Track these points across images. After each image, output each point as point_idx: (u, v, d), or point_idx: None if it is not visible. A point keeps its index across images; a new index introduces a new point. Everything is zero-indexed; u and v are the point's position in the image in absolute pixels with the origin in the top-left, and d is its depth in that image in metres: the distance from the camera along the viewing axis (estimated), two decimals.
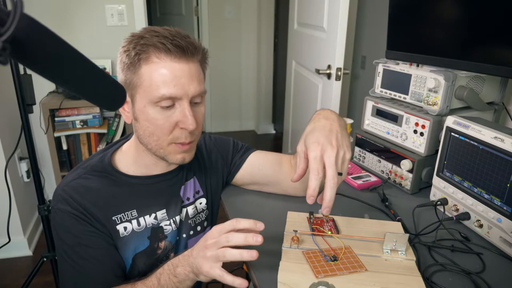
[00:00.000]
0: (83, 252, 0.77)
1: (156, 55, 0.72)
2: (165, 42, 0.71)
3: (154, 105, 0.73)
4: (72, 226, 0.77)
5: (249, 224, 0.66)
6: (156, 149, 0.79)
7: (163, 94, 0.72)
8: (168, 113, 0.74)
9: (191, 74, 0.74)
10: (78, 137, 2.12)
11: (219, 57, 3.83)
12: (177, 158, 0.80)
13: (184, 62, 0.73)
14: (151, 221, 0.84)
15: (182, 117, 0.74)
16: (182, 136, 0.77)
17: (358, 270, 0.68)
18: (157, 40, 0.71)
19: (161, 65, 0.72)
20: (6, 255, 2.02)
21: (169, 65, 0.72)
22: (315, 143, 0.68)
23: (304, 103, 2.24)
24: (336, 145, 0.68)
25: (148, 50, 0.72)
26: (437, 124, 0.98)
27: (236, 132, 4.11)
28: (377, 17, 2.19)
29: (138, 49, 0.72)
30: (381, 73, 1.15)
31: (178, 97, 0.73)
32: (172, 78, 0.72)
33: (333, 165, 0.66)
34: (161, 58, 0.72)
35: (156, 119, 0.74)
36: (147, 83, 0.73)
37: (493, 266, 0.75)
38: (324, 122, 0.73)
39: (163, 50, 0.71)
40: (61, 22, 2.18)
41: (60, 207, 0.77)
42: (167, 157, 0.80)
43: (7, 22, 0.31)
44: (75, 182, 0.79)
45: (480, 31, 0.93)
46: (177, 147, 0.78)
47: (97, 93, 0.47)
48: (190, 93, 0.74)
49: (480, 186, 0.83)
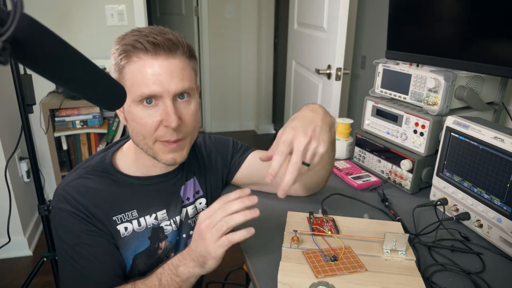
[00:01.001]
0: (84, 251, 0.77)
1: (135, 54, 0.72)
2: (142, 41, 0.71)
3: (137, 104, 0.74)
4: (73, 225, 0.77)
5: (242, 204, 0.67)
6: (146, 149, 0.78)
7: (142, 92, 0.72)
8: (151, 111, 0.74)
9: (171, 71, 0.72)
10: (78, 137, 2.12)
11: (219, 57, 3.83)
12: (167, 158, 0.79)
13: (163, 59, 0.72)
14: (152, 221, 0.84)
15: (164, 115, 0.73)
16: (166, 134, 0.75)
17: (358, 270, 0.68)
18: (134, 39, 0.71)
19: (139, 64, 0.72)
20: (6, 255, 2.02)
21: (148, 62, 0.71)
22: (290, 128, 0.69)
23: (304, 103, 2.22)
24: (310, 135, 0.68)
25: (128, 49, 0.72)
26: (437, 124, 0.98)
27: (236, 132, 4.11)
28: (377, 17, 2.19)
29: (121, 50, 0.73)
30: (381, 73, 1.15)
31: (158, 94, 0.72)
32: (151, 75, 0.71)
33: (299, 151, 0.67)
34: (140, 57, 0.72)
35: (140, 118, 0.74)
36: (129, 82, 0.73)
37: (493, 266, 0.75)
38: (308, 113, 0.74)
39: (141, 49, 0.71)
40: (61, 22, 2.18)
41: (60, 206, 0.77)
42: (156, 156, 0.79)
43: (7, 22, 0.31)
44: (75, 182, 0.79)
45: (480, 31, 0.93)
46: (163, 146, 0.77)
47: (97, 93, 0.47)
48: (171, 90, 0.72)
49: (480, 186, 0.83)
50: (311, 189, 0.97)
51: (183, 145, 0.80)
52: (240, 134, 4.08)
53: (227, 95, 4.01)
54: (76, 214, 0.76)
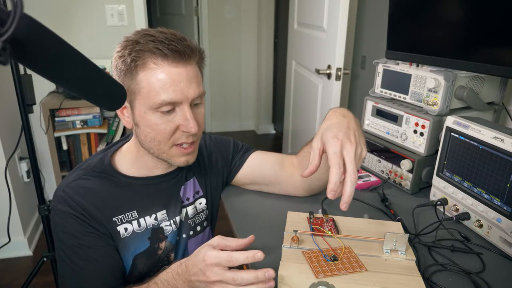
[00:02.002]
0: (82, 252, 0.77)
1: (153, 61, 0.71)
2: (161, 47, 0.70)
3: (154, 111, 0.73)
4: (72, 226, 0.77)
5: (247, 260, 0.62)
6: (158, 154, 0.79)
7: (163, 100, 0.71)
8: (168, 117, 0.74)
9: (189, 77, 0.73)
10: (78, 137, 2.12)
11: (219, 57, 3.83)
12: (181, 161, 0.80)
13: (182, 66, 0.72)
14: (152, 221, 0.84)
15: (183, 121, 0.74)
16: (183, 137, 0.77)
17: (358, 270, 0.68)
18: (153, 46, 0.70)
19: (159, 71, 0.71)
20: (6, 255, 2.02)
21: (167, 70, 0.71)
22: (334, 138, 0.68)
23: (304, 103, 2.24)
24: (355, 142, 0.68)
25: (144, 56, 0.71)
26: (437, 124, 0.98)
27: (236, 132, 4.11)
28: (377, 17, 2.19)
29: (134, 55, 0.71)
30: (381, 73, 1.15)
31: (178, 101, 0.73)
32: (171, 83, 0.71)
33: (353, 160, 0.66)
34: (158, 64, 0.71)
35: (157, 125, 0.74)
36: (145, 89, 0.72)
37: (493, 266, 0.75)
38: (341, 119, 0.73)
39: (160, 56, 0.70)
40: (61, 22, 2.18)
41: (60, 208, 0.77)
42: (170, 160, 0.80)
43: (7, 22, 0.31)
44: (75, 183, 0.79)
45: (480, 31, 0.93)
46: (179, 150, 0.79)
47: (97, 93, 0.47)
48: (190, 96, 0.74)
49: (480, 186, 0.83)
50: (315, 190, 0.97)
51: (196, 148, 0.82)
52: (240, 134, 4.08)
53: (227, 95, 4.01)
54: (75, 216, 0.76)
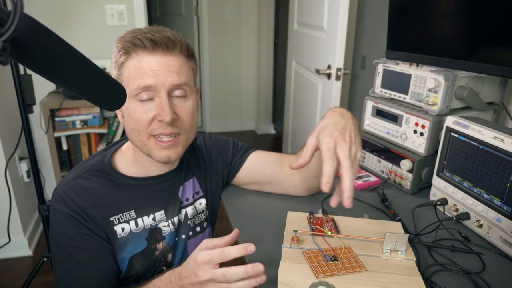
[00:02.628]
0: (77, 254, 0.77)
1: (134, 51, 0.74)
2: (140, 37, 0.73)
3: (133, 98, 0.75)
4: (68, 227, 0.77)
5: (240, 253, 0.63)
6: (140, 146, 0.79)
7: (138, 84, 0.73)
8: (146, 106, 0.75)
9: (169, 66, 0.74)
10: (78, 137, 2.12)
11: (219, 57, 3.83)
12: (161, 156, 0.78)
13: (160, 56, 0.74)
14: (149, 222, 0.84)
15: (159, 109, 0.74)
16: (160, 127, 0.76)
17: (358, 270, 0.68)
18: (133, 36, 0.74)
19: (137, 60, 0.74)
20: (6, 255, 2.02)
21: (146, 59, 0.73)
22: (329, 137, 0.69)
23: (304, 103, 2.24)
24: (349, 141, 0.69)
25: (127, 46, 0.74)
26: (437, 124, 0.98)
27: (236, 132, 4.11)
28: (377, 17, 2.19)
29: (120, 47, 0.75)
30: (381, 73, 1.15)
31: (153, 86, 0.73)
32: (148, 70, 0.73)
33: (347, 157, 0.67)
34: (139, 54, 0.74)
35: (135, 112, 0.75)
36: (126, 77, 0.75)
37: (493, 266, 0.75)
38: (339, 119, 0.73)
39: (140, 46, 0.73)
40: (61, 22, 2.18)
41: (57, 208, 0.77)
42: (150, 153, 0.79)
43: (7, 22, 0.31)
44: (74, 181, 0.80)
45: (480, 31, 0.93)
46: (157, 143, 0.77)
47: (97, 93, 0.47)
48: (166, 83, 0.74)
49: (480, 186, 0.83)
50: (314, 188, 0.97)
51: (178, 143, 0.79)
52: (240, 134, 4.08)
53: (227, 95, 4.01)
54: (71, 216, 0.76)
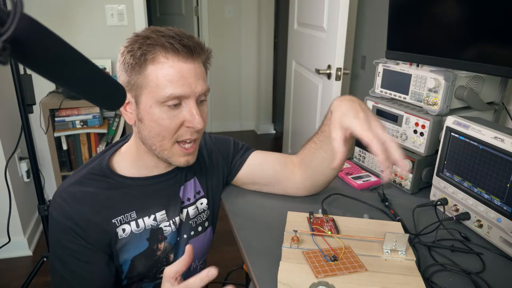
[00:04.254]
0: (72, 263, 0.77)
1: (163, 55, 0.72)
2: (173, 42, 0.71)
3: (160, 105, 0.73)
4: (63, 237, 0.77)
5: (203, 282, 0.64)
6: (159, 151, 0.79)
7: (170, 93, 0.72)
8: (174, 112, 0.74)
9: (197, 73, 0.75)
10: (78, 137, 2.12)
11: (219, 57, 3.82)
12: (181, 161, 0.80)
13: (191, 62, 0.74)
14: (150, 222, 0.84)
15: (189, 116, 0.75)
16: (187, 133, 0.77)
17: (358, 270, 0.68)
18: (165, 40, 0.71)
19: (168, 65, 0.72)
20: (6, 255, 2.02)
21: (177, 65, 0.72)
22: (356, 119, 0.71)
23: (304, 103, 2.24)
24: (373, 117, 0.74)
25: (155, 50, 0.71)
26: (437, 124, 0.98)
27: (236, 132, 4.11)
28: (377, 17, 2.20)
29: (144, 49, 0.71)
30: (381, 73, 1.15)
31: (186, 96, 0.73)
32: (179, 77, 0.72)
33: (384, 130, 0.70)
34: (169, 58, 0.72)
35: (162, 119, 0.74)
36: (153, 83, 0.72)
37: (493, 266, 0.75)
38: (351, 103, 0.76)
39: (171, 50, 0.71)
40: (61, 22, 2.18)
41: (55, 217, 0.77)
42: (170, 159, 0.80)
43: (7, 22, 0.31)
44: (72, 187, 0.79)
45: (480, 31, 0.93)
46: (180, 149, 0.79)
47: (97, 93, 0.47)
48: (197, 92, 0.74)
49: (480, 186, 0.83)
50: (318, 187, 0.97)
51: (197, 147, 0.82)
52: (240, 134, 4.08)
53: (227, 95, 4.01)
54: (68, 227, 0.76)
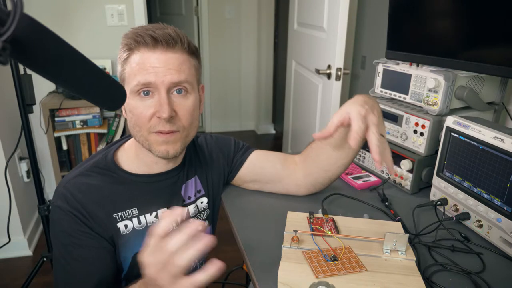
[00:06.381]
0: (75, 252, 0.77)
1: (137, 48, 0.75)
2: (142, 34, 0.74)
3: (134, 94, 0.76)
4: (68, 224, 0.77)
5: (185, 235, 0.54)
6: (142, 141, 0.79)
7: (138, 81, 0.74)
8: (146, 102, 0.76)
9: (169, 63, 0.75)
10: (78, 137, 2.12)
11: (219, 57, 3.83)
12: (160, 150, 0.78)
13: (161, 52, 0.74)
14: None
15: (158, 106, 0.75)
16: (159, 124, 0.76)
17: (358, 270, 0.68)
18: (135, 33, 0.75)
19: (139, 56, 0.75)
20: (6, 255, 2.02)
21: (146, 55, 0.74)
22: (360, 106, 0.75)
23: (304, 103, 2.24)
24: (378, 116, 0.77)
25: (130, 43, 0.75)
26: (437, 124, 0.98)
27: (236, 132, 4.11)
28: (377, 17, 2.19)
29: (123, 45, 0.76)
30: (381, 73, 1.15)
31: (153, 83, 0.74)
32: (148, 66, 0.74)
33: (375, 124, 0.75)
34: (140, 50, 0.75)
35: (136, 108, 0.76)
36: (128, 73, 0.76)
37: (493, 266, 0.75)
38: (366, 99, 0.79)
39: (140, 42, 0.74)
40: (61, 22, 2.18)
41: (59, 205, 0.78)
42: (151, 148, 0.79)
43: (7, 22, 0.31)
44: (77, 179, 0.80)
45: (480, 31, 0.93)
46: (157, 137, 0.78)
47: (97, 93, 0.47)
48: (166, 81, 0.74)
49: (480, 186, 0.83)
50: (320, 184, 0.97)
51: (177, 139, 0.80)
52: (240, 134, 4.08)
53: (227, 95, 4.01)
54: (72, 213, 0.77)
